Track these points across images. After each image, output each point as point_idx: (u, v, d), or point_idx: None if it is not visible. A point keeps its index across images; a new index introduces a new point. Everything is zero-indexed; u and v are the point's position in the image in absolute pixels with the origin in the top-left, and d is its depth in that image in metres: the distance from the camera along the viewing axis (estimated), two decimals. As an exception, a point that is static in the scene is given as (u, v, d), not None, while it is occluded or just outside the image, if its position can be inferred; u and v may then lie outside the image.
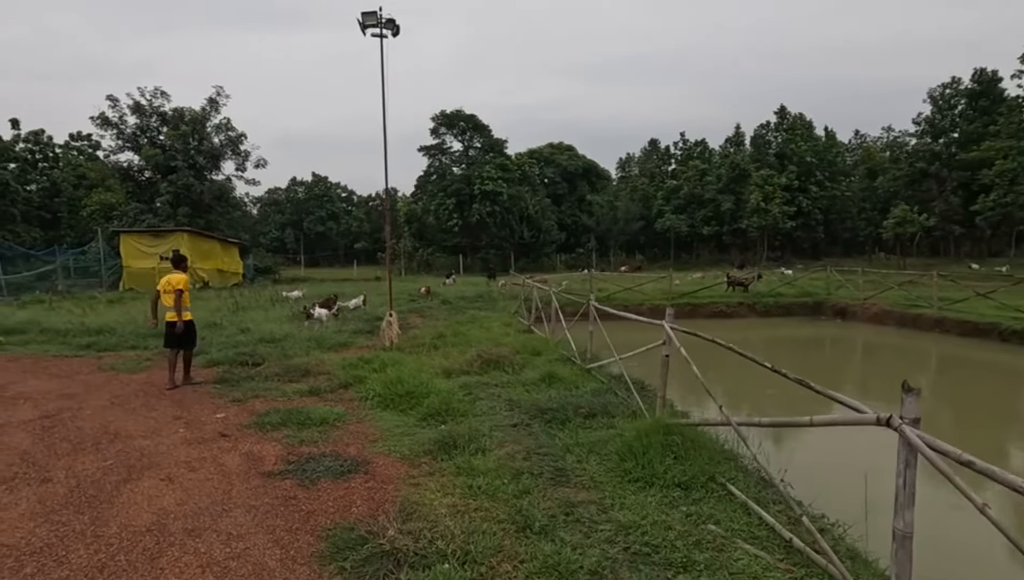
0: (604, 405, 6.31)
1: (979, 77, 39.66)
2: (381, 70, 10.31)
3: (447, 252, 50.18)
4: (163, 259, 32.34)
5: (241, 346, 11.19)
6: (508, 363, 8.83)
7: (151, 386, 8.37)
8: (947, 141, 38.41)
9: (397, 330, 10.64)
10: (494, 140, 49.63)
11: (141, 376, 9.20)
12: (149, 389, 8.16)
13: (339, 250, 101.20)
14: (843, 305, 19.74)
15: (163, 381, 8.78)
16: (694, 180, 48.83)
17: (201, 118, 40.65)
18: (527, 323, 14.87)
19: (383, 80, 10.35)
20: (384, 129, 10.56)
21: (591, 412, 6.10)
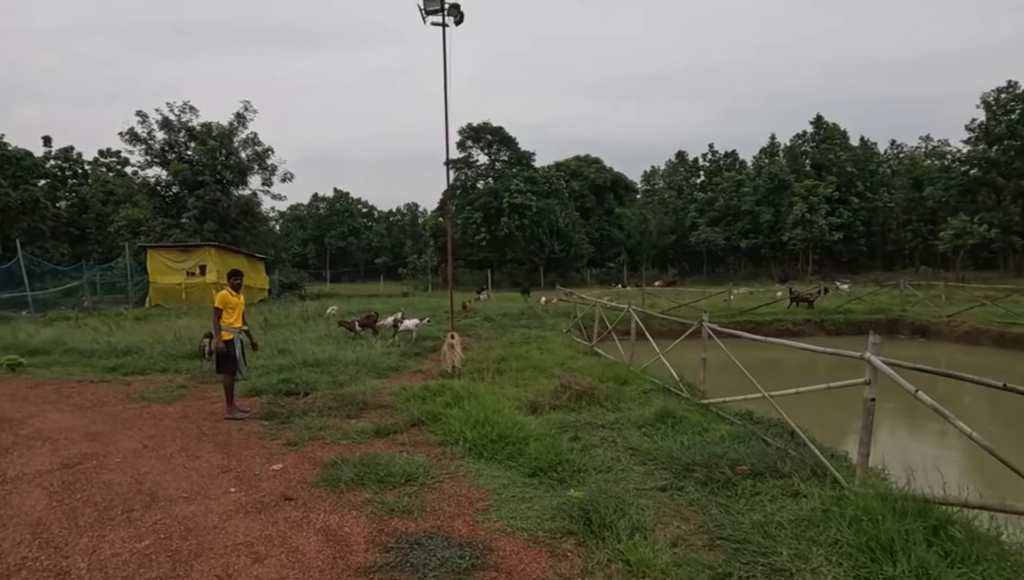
0: (763, 458, 4.92)
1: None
2: (443, 58, 9.17)
3: (473, 267, 49.08)
4: (190, 275, 31.69)
5: (284, 371, 10.01)
6: (603, 396, 7.47)
7: (188, 422, 7.16)
8: (1004, 147, 36.45)
9: (460, 354, 9.36)
10: (521, 153, 48.68)
11: (175, 408, 8.01)
12: (186, 427, 6.94)
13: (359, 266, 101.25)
14: (923, 323, 18.01)
15: (201, 414, 7.62)
16: (729, 192, 47.20)
17: (228, 133, 40.37)
18: (589, 344, 13.51)
19: (445, 69, 9.21)
20: (446, 122, 9.41)
21: (755, 470, 4.71)
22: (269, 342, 14.13)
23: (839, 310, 19.56)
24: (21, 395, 9.13)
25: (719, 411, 6.81)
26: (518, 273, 47.04)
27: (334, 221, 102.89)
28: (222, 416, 7.37)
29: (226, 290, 7.42)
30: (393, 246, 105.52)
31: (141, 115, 38.84)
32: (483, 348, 13.09)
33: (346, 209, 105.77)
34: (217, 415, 7.48)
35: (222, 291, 7.42)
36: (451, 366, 9.33)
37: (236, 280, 7.48)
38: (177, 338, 15.03)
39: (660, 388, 8.33)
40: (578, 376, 8.66)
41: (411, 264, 70.96)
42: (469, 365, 10.58)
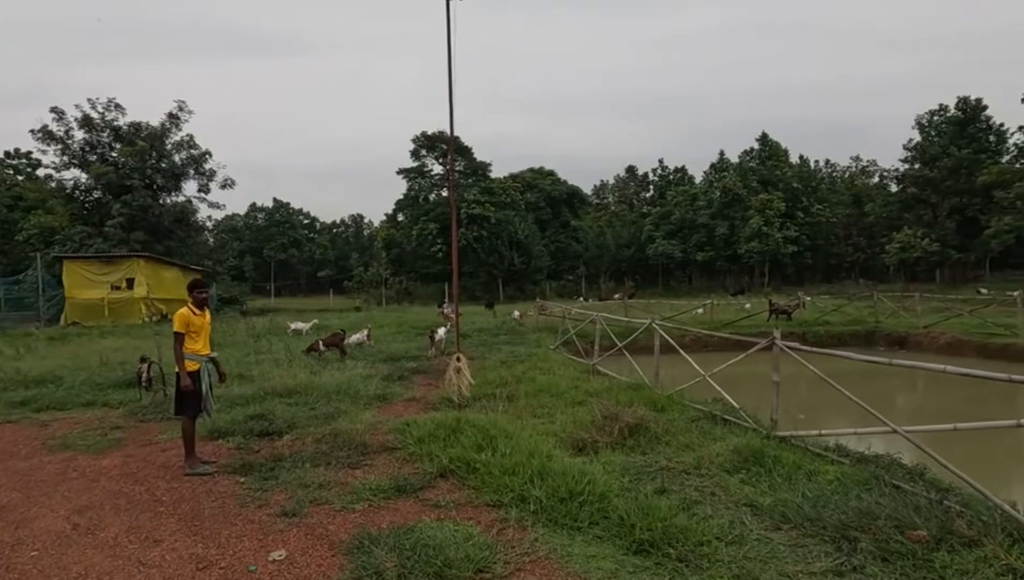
0: (925, 515, 3.87)
1: (964, 105, 40.50)
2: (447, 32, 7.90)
3: (428, 280, 47.29)
4: (115, 289, 28.37)
5: (250, 403, 8.26)
6: (660, 429, 6.28)
7: (134, 482, 5.41)
8: (939, 167, 38.81)
9: (470, 379, 7.95)
10: (477, 163, 47.59)
11: (113, 460, 6.17)
12: (133, 490, 5.19)
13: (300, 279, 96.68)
14: (901, 334, 18.07)
15: (150, 468, 5.89)
16: (685, 205, 47.88)
17: (160, 134, 37.02)
18: (588, 362, 12.36)
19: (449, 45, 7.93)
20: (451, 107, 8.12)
21: (933, 535, 3.64)
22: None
23: (818, 322, 19.42)
24: None
25: (806, 446, 5.77)
26: (475, 286, 45.66)
27: (274, 232, 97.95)
28: (179, 471, 5.66)
29: (187, 308, 5.74)
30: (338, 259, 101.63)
31: (57, 112, 35.01)
32: (475, 369, 11.66)
33: (287, 220, 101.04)
34: (173, 469, 5.76)
35: (182, 310, 5.73)
36: (458, 393, 7.91)
37: (201, 293, 5.83)
38: (105, 363, 12.77)
39: (708, 415, 7.25)
40: (613, 404, 7.48)
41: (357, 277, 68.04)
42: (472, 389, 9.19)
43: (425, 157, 47.64)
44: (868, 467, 5.04)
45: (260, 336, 19.57)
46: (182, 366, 5.55)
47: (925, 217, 40.06)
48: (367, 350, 15.05)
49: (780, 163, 49.63)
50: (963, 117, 40.08)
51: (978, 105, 40.14)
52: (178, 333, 5.61)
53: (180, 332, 5.60)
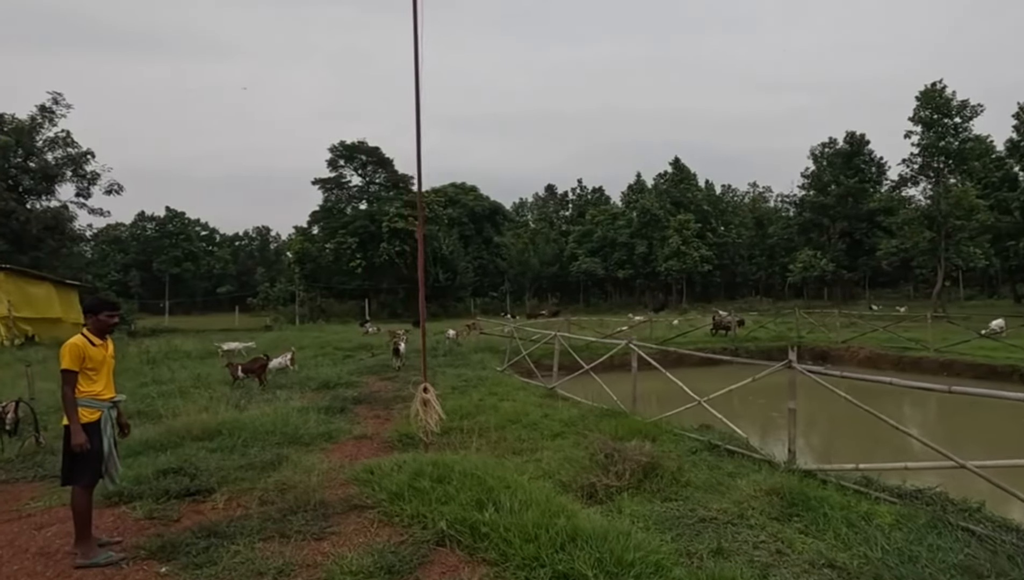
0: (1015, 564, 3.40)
1: (851, 139, 45.02)
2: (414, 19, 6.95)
3: (345, 296, 44.70)
4: (-35, 307, 23.76)
5: (161, 450, 6.61)
6: (674, 467, 5.55)
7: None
8: (831, 194, 42.72)
9: (440, 413, 6.82)
10: (399, 176, 45.97)
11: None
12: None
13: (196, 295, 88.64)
14: (823, 348, 19.00)
15: (25, 556, 4.30)
16: (606, 224, 49.04)
17: (29, 128, 32.15)
18: (544, 384, 11.55)
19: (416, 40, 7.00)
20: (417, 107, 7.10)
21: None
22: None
23: (748, 338, 20.02)
24: None
25: (837, 482, 5.26)
26: (395, 303, 43.75)
27: (166, 244, 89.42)
28: (68, 561, 4.12)
29: (81, 336, 4.25)
30: (240, 273, 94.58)
31: None
32: (424, 397, 10.44)
33: (181, 231, 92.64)
34: (57, 558, 4.19)
35: (74, 339, 4.21)
36: (425, 430, 6.75)
37: (110, 316, 4.34)
38: None
39: (707, 446, 6.65)
40: (603, 436, 6.69)
41: (263, 293, 63.28)
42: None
43: (343, 167, 45.29)
44: (918, 505, 4.60)
45: (156, 361, 17.04)
46: (74, 417, 4.05)
47: (820, 240, 43.90)
48: (291, 376, 13.31)
49: (691, 186, 52.42)
50: (850, 149, 44.56)
51: (862, 139, 44.84)
52: (69, 371, 4.09)
53: (71, 370, 4.10)
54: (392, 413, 9.57)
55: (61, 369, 4.12)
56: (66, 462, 4.13)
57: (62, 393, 4.12)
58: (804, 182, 45.77)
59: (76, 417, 4.05)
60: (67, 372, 4.09)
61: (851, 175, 42.77)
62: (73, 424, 4.03)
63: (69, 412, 4.06)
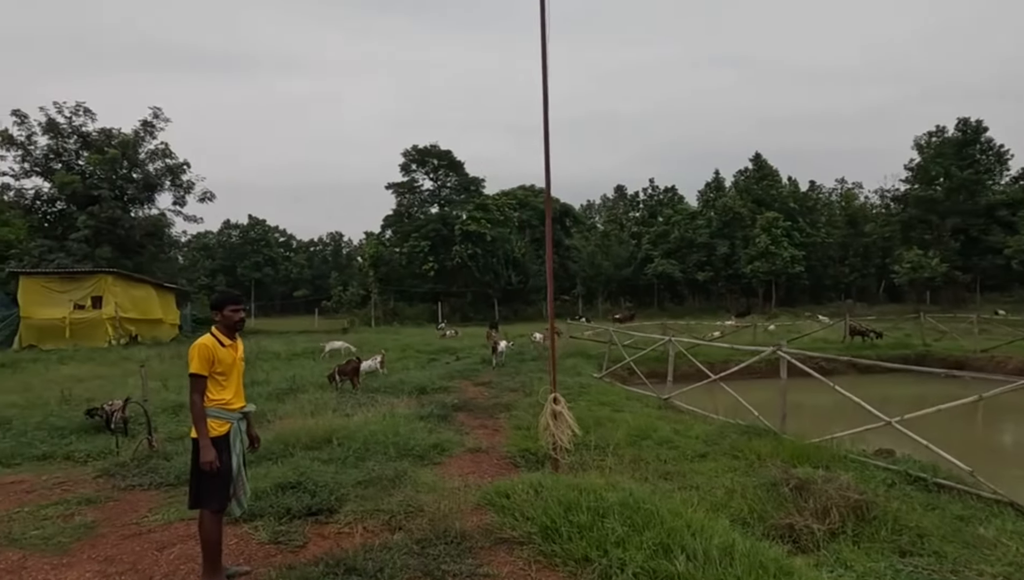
0: None
1: (964, 126, 40.76)
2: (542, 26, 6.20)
3: (417, 300, 45.04)
4: (78, 307, 25.49)
5: (274, 461, 6.17)
6: (892, 509, 4.45)
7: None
8: (940, 187, 38.73)
9: (573, 428, 6.00)
10: (470, 178, 45.92)
11: (82, 569, 4.03)
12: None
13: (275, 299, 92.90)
14: (958, 358, 16.75)
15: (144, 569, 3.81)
16: (684, 224, 46.90)
17: (133, 142, 34.35)
18: (655, 394, 10.52)
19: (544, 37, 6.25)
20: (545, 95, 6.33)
21: None
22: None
23: (864, 345, 18.01)
24: None
25: None
26: (467, 307, 43.61)
27: (248, 250, 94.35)
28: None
29: (210, 336, 3.70)
30: (314, 278, 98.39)
31: (19, 115, 32.14)
32: (529, 405, 9.67)
33: (262, 237, 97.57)
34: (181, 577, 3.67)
35: (202, 339, 3.66)
36: (556, 446, 5.94)
37: (233, 310, 3.78)
38: (66, 399, 10.39)
39: (908, 478, 5.44)
40: (776, 463, 5.65)
41: (336, 296, 65.19)
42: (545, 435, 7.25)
43: (415, 171, 45.77)
44: None
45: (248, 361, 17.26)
46: (203, 430, 3.51)
47: (926, 238, 39.86)
48: (382, 379, 12.94)
49: (774, 183, 49.28)
50: (963, 138, 40.28)
51: (978, 127, 40.45)
52: (197, 376, 3.56)
53: (200, 374, 3.56)
54: (498, 422, 8.87)
55: (189, 373, 3.59)
56: (194, 482, 3.59)
57: (190, 401, 3.59)
58: (907, 175, 41.85)
59: (205, 430, 3.50)
60: (196, 377, 3.55)
61: (964, 166, 38.57)
62: (202, 438, 3.49)
63: (198, 424, 3.52)
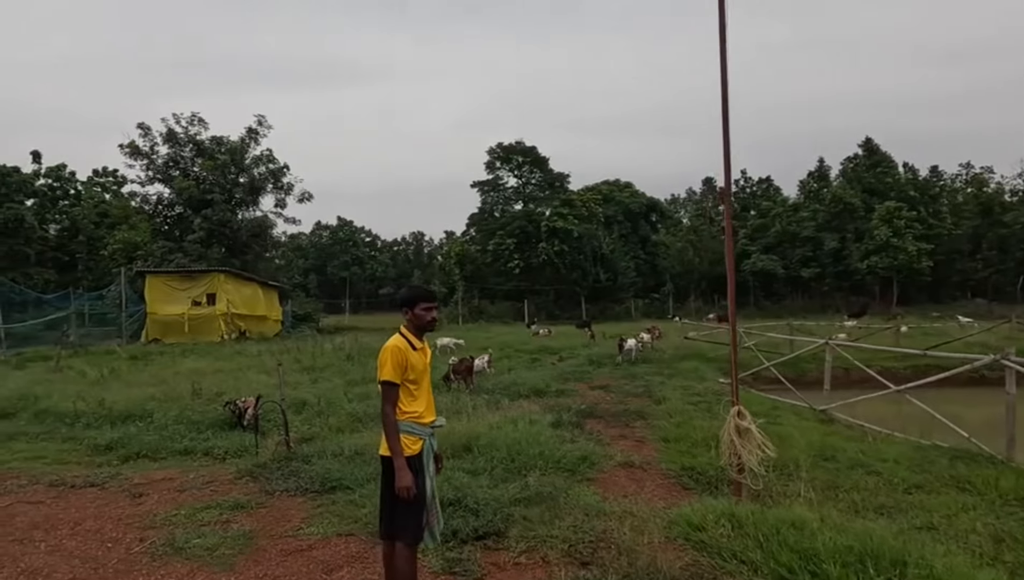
0: None
1: None
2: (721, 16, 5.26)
3: (500, 298, 44.88)
4: (195, 304, 27.29)
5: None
6: None
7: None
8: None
9: (766, 446, 5.08)
10: (555, 174, 45.18)
11: (247, 574, 3.67)
12: None
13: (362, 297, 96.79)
14: None
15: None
16: (786, 217, 43.59)
17: (240, 148, 36.54)
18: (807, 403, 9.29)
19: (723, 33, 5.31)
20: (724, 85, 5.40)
21: None
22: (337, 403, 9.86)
23: None
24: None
25: None
26: (551, 304, 42.89)
27: (337, 250, 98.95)
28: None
29: (400, 337, 3.16)
30: (398, 276, 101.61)
31: (143, 127, 35.02)
32: (663, 413, 8.77)
33: (350, 238, 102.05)
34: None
35: (394, 341, 3.11)
36: (739, 467, 5.04)
37: (425, 309, 3.22)
38: (197, 393, 10.66)
39: None
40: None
41: (420, 294, 66.52)
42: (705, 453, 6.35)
43: (499, 169, 45.66)
44: None
45: (352, 357, 17.44)
46: (398, 448, 2.96)
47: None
48: (491, 379, 12.48)
49: (889, 170, 44.71)
50: None
51: None
52: (390, 384, 3.02)
53: (393, 382, 3.02)
54: (635, 431, 8.07)
55: (380, 380, 3.07)
56: (386, 508, 3.06)
57: (382, 413, 3.06)
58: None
59: (400, 449, 2.95)
60: (389, 385, 3.02)
61: None
62: (397, 459, 2.94)
63: (391, 441, 2.98)
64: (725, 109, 5.31)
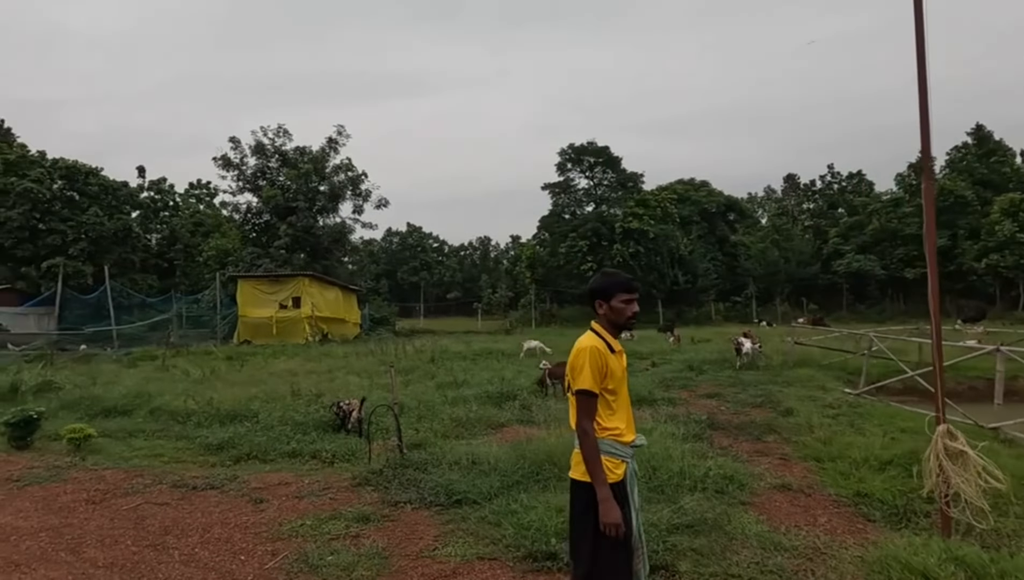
0: None
1: None
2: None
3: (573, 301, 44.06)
4: (282, 307, 28.36)
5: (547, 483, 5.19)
6: None
7: None
8: None
9: (991, 473, 4.16)
10: (627, 175, 43.93)
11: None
12: None
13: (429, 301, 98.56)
14: None
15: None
16: (884, 213, 40.19)
17: (321, 157, 37.94)
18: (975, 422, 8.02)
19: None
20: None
21: None
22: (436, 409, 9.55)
23: None
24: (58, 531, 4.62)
25: None
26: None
27: (407, 256, 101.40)
28: None
29: (596, 336, 2.58)
30: (464, 281, 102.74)
31: (234, 141, 37.08)
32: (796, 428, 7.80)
33: (418, 243, 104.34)
34: None
35: (587, 340, 2.55)
36: (946, 498, 4.13)
37: (625, 301, 2.62)
38: (296, 394, 10.67)
39: None
40: None
41: (486, 298, 66.93)
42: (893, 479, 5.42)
43: (570, 170, 44.94)
44: None
45: (435, 360, 17.30)
46: (602, 475, 2.40)
47: None
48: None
49: (1005, 159, 40.24)
50: None
51: None
52: (588, 394, 2.47)
53: (592, 391, 2.47)
54: (769, 446, 7.18)
55: (577, 389, 2.52)
56: (585, 547, 2.49)
57: (579, 429, 2.50)
58: None
59: (604, 476, 2.39)
60: (587, 395, 2.47)
61: None
62: (601, 488, 2.37)
63: (593, 466, 2.41)
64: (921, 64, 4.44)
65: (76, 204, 36.38)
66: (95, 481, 6.07)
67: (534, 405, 9.67)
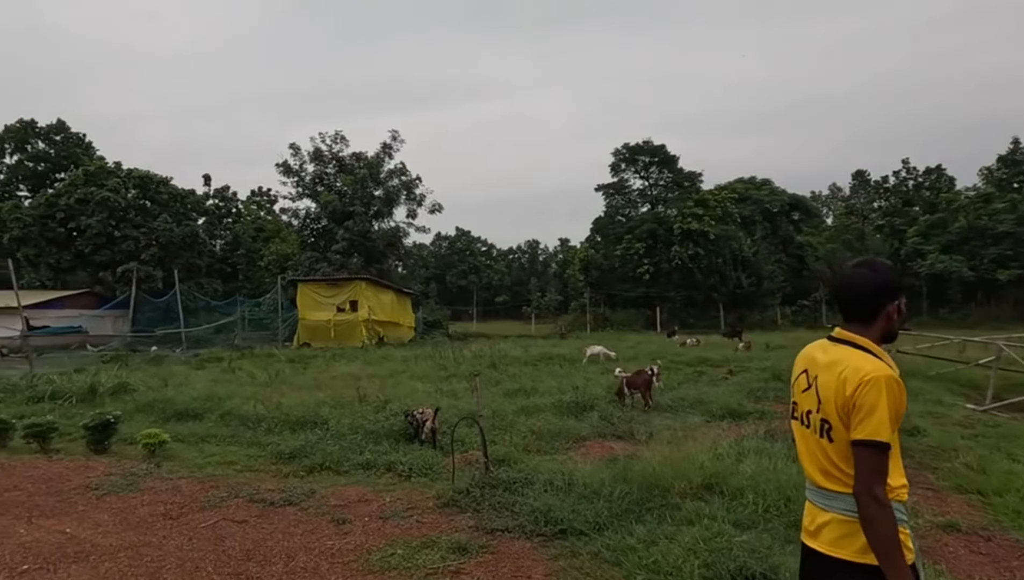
0: None
1: None
2: None
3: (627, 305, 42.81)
4: (340, 310, 28.63)
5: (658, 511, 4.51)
6: None
7: None
8: None
9: None
10: (684, 174, 42.40)
11: None
12: None
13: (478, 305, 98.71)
14: None
15: None
16: (973, 210, 37.10)
17: (376, 163, 38.38)
18: None
19: None
20: None
21: None
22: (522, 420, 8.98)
23: None
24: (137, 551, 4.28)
25: None
26: (681, 311, 40.03)
27: (455, 260, 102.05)
28: None
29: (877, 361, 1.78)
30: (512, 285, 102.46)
31: (294, 148, 38.01)
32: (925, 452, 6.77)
33: (467, 247, 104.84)
34: None
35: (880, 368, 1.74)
36: None
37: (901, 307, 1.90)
38: (363, 400, 10.31)
39: None
40: None
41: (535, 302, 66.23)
42: None
43: (624, 171, 43.80)
44: None
45: (496, 365, 16.79)
46: (901, 561, 1.66)
47: None
48: (664, 394, 11.00)
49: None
50: None
51: None
52: (884, 448, 1.71)
53: (887, 443, 1.71)
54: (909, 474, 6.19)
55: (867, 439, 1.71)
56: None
57: (868, 498, 1.69)
58: None
59: (903, 560, 1.69)
60: (880, 450, 1.72)
61: None
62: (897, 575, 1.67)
63: (890, 547, 1.66)
64: None
65: (148, 211, 38.20)
66: (171, 492, 5.80)
67: (615, 416, 8.97)
